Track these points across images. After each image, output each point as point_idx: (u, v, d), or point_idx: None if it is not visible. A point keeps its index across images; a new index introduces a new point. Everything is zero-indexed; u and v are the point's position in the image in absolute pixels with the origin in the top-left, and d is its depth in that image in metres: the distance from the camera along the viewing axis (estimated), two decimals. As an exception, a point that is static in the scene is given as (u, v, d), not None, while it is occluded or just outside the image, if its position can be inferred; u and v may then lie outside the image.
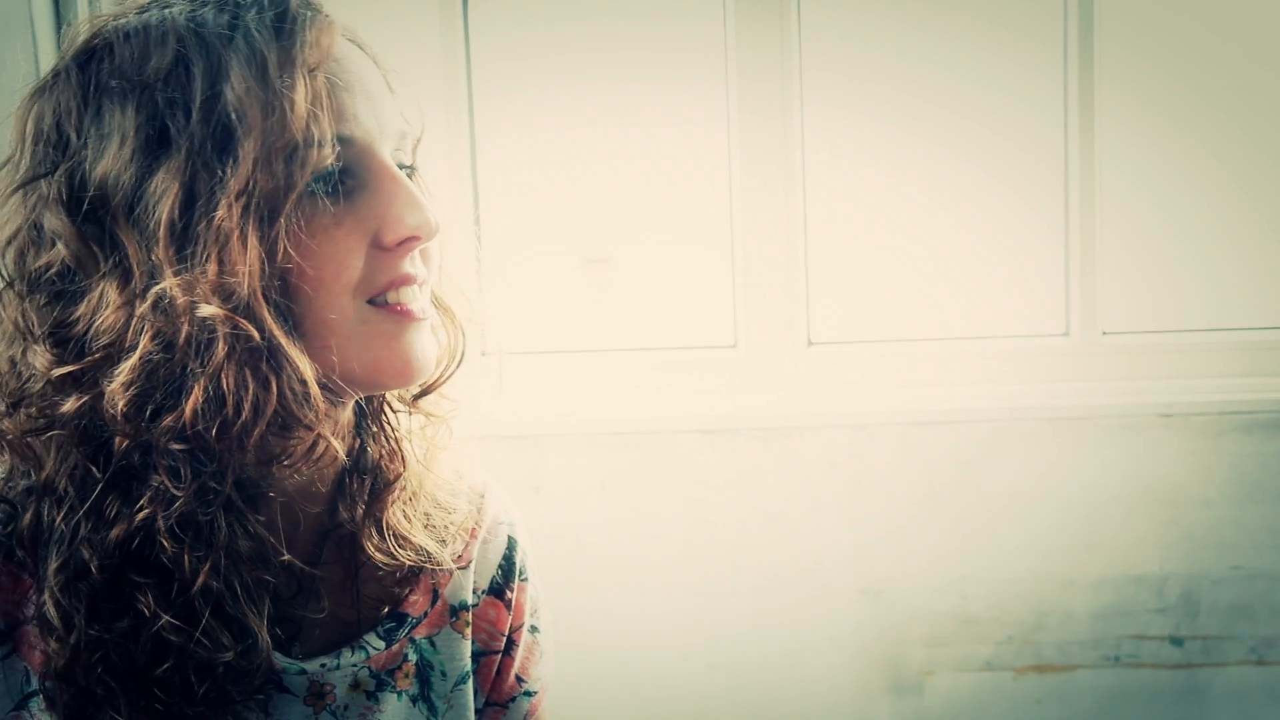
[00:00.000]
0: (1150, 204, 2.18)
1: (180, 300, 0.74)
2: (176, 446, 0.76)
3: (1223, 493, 2.06)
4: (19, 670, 0.82)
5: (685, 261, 2.24)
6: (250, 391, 0.75)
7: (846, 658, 2.11)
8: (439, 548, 0.96)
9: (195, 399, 0.75)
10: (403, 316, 0.83)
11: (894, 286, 2.22)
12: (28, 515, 0.81)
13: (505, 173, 2.20)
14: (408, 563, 0.94)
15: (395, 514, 0.95)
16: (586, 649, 2.08)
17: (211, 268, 0.74)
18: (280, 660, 0.88)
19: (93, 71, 0.79)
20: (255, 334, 0.75)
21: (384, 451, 0.95)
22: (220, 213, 0.74)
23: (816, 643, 2.11)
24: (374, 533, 0.94)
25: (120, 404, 0.75)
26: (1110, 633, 2.08)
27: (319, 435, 0.79)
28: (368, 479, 0.94)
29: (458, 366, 0.95)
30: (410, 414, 0.96)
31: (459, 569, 1.00)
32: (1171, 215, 2.20)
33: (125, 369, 0.75)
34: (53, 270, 0.79)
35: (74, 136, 0.79)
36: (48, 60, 1.87)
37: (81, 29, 0.82)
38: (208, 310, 0.74)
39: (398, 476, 0.95)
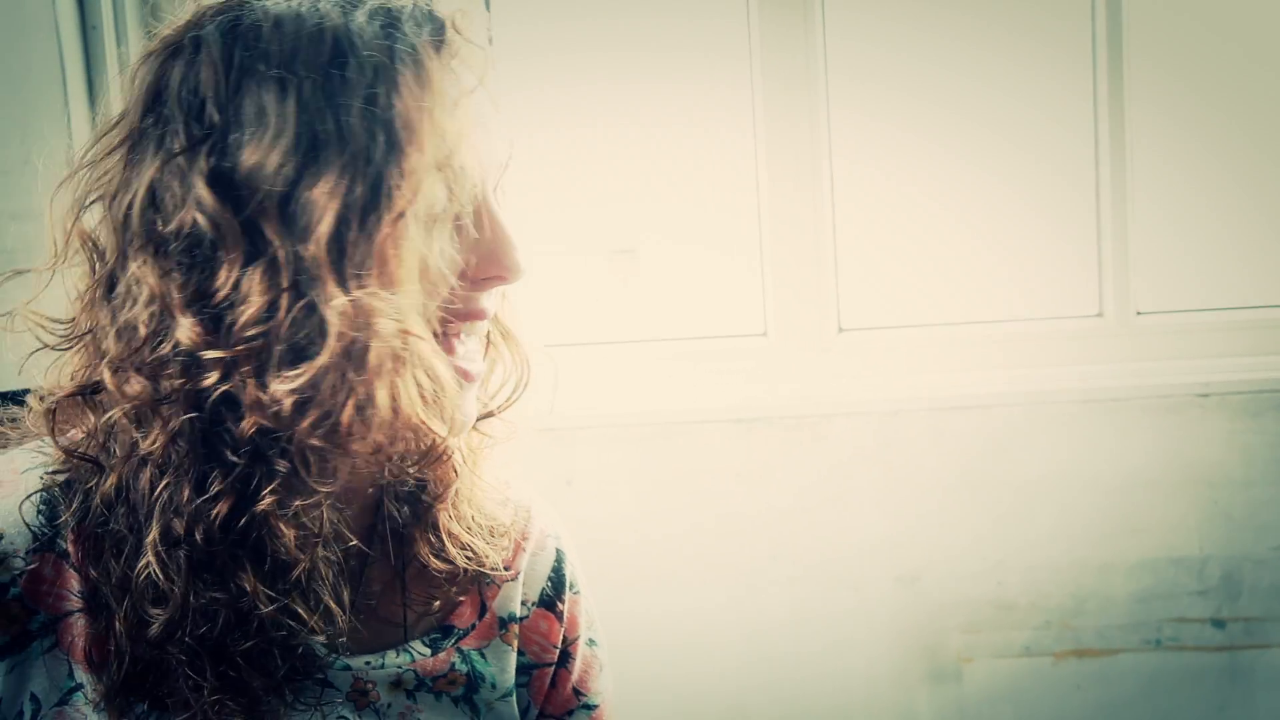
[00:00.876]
0: (1183, 181, 2.16)
1: (359, 314, 0.74)
2: (318, 443, 0.77)
3: (1263, 473, 2.03)
4: (62, 663, 0.82)
5: (713, 251, 2.23)
6: (405, 396, 0.76)
7: (883, 646, 2.10)
8: (489, 550, 0.96)
9: (353, 404, 0.75)
10: (460, 374, 0.83)
11: (924, 271, 2.20)
12: (111, 478, 0.80)
13: (532, 168, 2.20)
14: (460, 564, 0.94)
15: (448, 519, 0.95)
16: (620, 643, 2.07)
17: (374, 283, 0.74)
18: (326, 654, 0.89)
19: (238, 49, 0.77)
20: (413, 344, 0.76)
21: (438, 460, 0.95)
22: (385, 229, 0.74)
23: (852, 632, 2.10)
24: (430, 536, 0.94)
25: (287, 404, 0.75)
26: (1151, 616, 2.06)
27: (443, 441, 0.83)
28: (417, 482, 0.95)
29: (520, 396, 0.96)
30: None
31: (507, 582, 1.00)
32: (1204, 192, 2.17)
33: (304, 372, 0.75)
34: (185, 239, 0.77)
35: (215, 112, 0.77)
36: (73, 62, 1.88)
37: (213, 2, 0.81)
38: (387, 326, 0.74)
39: (451, 484, 0.95)
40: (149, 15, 1.94)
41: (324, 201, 0.74)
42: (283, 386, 0.75)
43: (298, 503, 0.78)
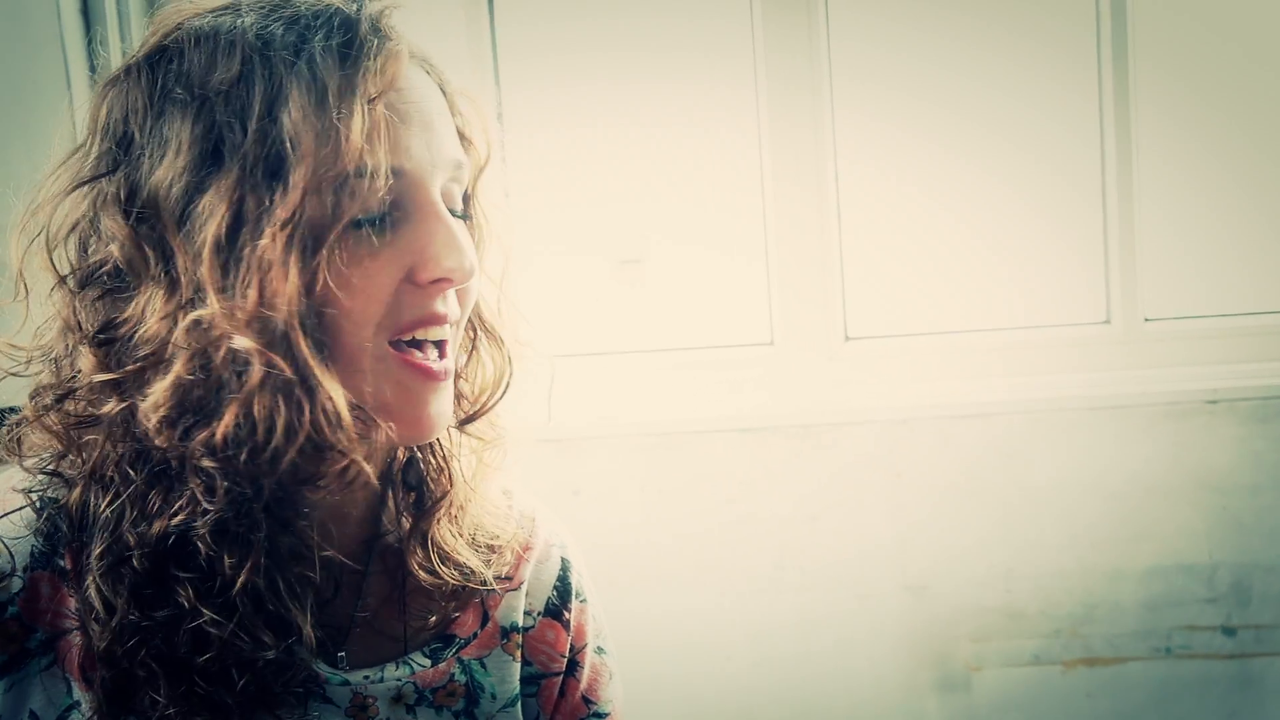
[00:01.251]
0: (1189, 186, 2.15)
1: (218, 328, 0.74)
2: (208, 463, 0.76)
3: (1272, 479, 2.02)
4: (60, 681, 0.82)
5: (719, 260, 2.22)
6: (283, 418, 0.75)
7: (892, 655, 2.09)
8: (483, 566, 0.95)
9: (227, 422, 0.75)
10: (424, 375, 0.82)
11: (931, 279, 2.20)
12: (76, 492, 0.81)
13: (534, 170, 2.19)
14: (451, 581, 0.93)
15: (441, 531, 0.94)
16: (629, 650, 2.07)
17: (252, 295, 0.73)
18: (324, 670, 0.88)
19: (161, 72, 0.79)
20: (287, 368, 0.74)
21: (432, 467, 0.95)
22: (265, 240, 0.73)
23: (861, 640, 2.09)
24: (419, 549, 0.93)
25: (153, 419, 0.76)
26: (1161, 624, 2.06)
27: (351, 460, 0.79)
28: (412, 494, 0.94)
29: (503, 395, 0.94)
30: (460, 432, 0.95)
31: (510, 591, 0.99)
32: (1211, 197, 2.17)
33: (160, 387, 0.75)
34: (105, 268, 0.79)
35: (137, 136, 0.79)
36: (78, 72, 1.88)
37: (160, 23, 0.82)
38: (242, 343, 0.74)
39: (445, 494, 0.94)
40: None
41: (209, 213, 0.74)
42: (145, 404, 0.76)
43: (206, 522, 0.77)
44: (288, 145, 0.74)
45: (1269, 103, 2.14)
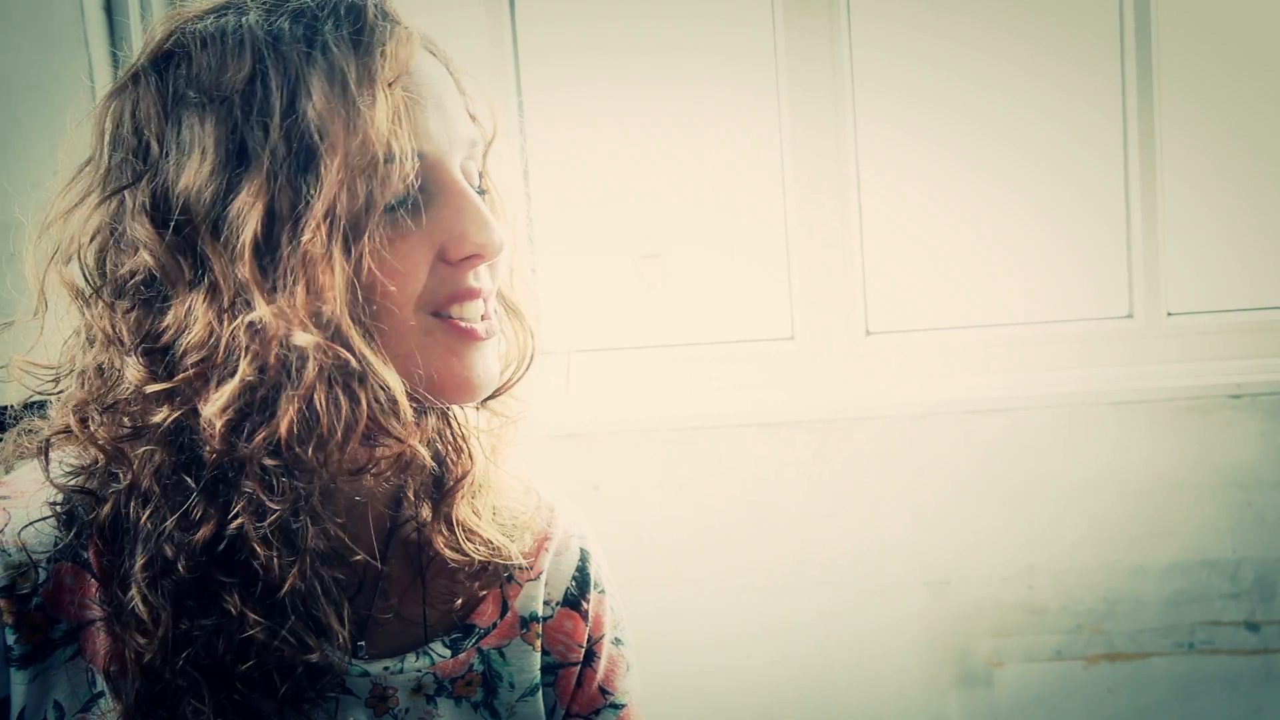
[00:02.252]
0: (1213, 180, 2.14)
1: (274, 328, 0.74)
2: (270, 462, 0.77)
3: (1296, 474, 2.01)
4: (84, 672, 0.83)
5: (740, 255, 2.22)
6: (343, 409, 0.76)
7: (913, 651, 2.09)
8: (507, 542, 0.96)
9: (290, 418, 0.75)
10: (466, 335, 0.83)
11: (952, 273, 2.19)
12: (106, 508, 0.81)
13: (557, 167, 2.20)
14: (477, 557, 0.94)
15: (463, 509, 0.95)
16: (648, 646, 2.07)
17: (300, 291, 0.74)
18: (344, 661, 0.89)
19: (170, 78, 0.79)
20: (350, 358, 0.75)
21: (451, 448, 0.95)
22: (306, 235, 0.74)
23: (882, 636, 2.09)
24: (443, 528, 0.94)
25: (219, 425, 0.76)
26: (1183, 619, 2.05)
27: (408, 445, 0.80)
28: (435, 475, 0.94)
29: (527, 369, 0.95)
30: (478, 410, 0.96)
31: (529, 580, 1.00)
32: (1234, 191, 2.15)
33: (225, 393, 0.75)
34: (138, 278, 0.79)
35: (154, 145, 0.79)
36: (101, 73, 1.89)
37: (158, 28, 0.82)
38: (303, 339, 0.74)
39: (466, 473, 0.95)
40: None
41: (245, 214, 0.74)
42: (208, 410, 0.76)
43: (269, 521, 0.78)
44: (315, 137, 0.74)
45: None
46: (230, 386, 0.75)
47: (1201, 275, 2.15)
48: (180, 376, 0.77)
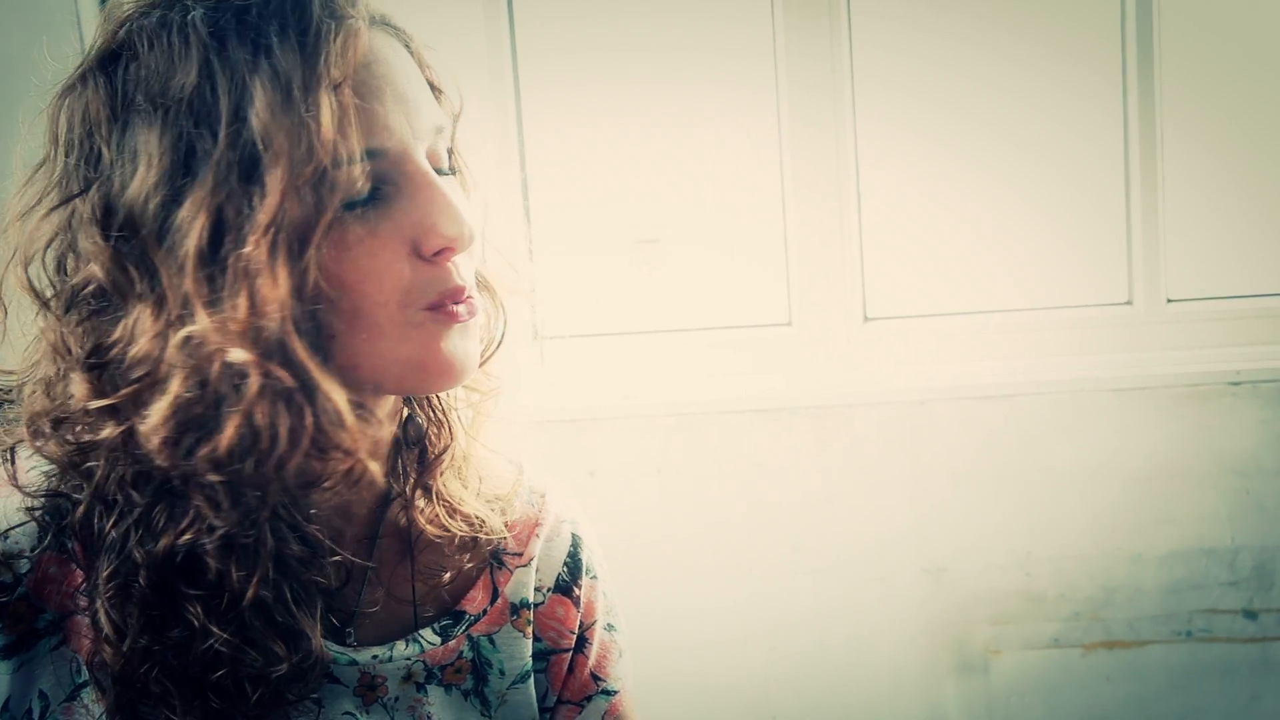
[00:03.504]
0: (1213, 166, 2.13)
1: (212, 343, 0.72)
2: (213, 478, 0.75)
3: (1296, 462, 2.01)
4: (70, 660, 0.82)
5: (737, 240, 2.21)
6: (286, 424, 0.74)
7: (910, 638, 2.09)
8: (490, 513, 0.95)
9: (229, 434, 0.73)
10: (447, 318, 0.81)
11: (951, 258, 2.18)
12: (79, 510, 0.80)
13: (554, 162, 2.19)
14: (458, 532, 0.94)
15: (445, 483, 0.94)
16: (644, 634, 2.07)
17: (242, 304, 0.72)
18: (332, 650, 0.88)
19: (119, 80, 0.77)
20: (286, 376, 0.73)
21: (432, 423, 0.95)
22: (249, 247, 0.72)
23: (879, 623, 2.09)
24: (423, 502, 0.93)
25: (155, 440, 0.74)
26: (1181, 607, 2.04)
27: (356, 459, 0.78)
28: (415, 450, 0.94)
29: (499, 345, 0.94)
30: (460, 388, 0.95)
31: (520, 567, 0.99)
32: (1235, 177, 2.14)
33: (159, 408, 0.74)
34: (89, 289, 0.77)
35: (105, 150, 0.77)
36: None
37: (106, 24, 0.80)
38: (238, 355, 0.72)
39: (446, 447, 0.94)
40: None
41: (189, 224, 0.73)
42: (144, 427, 0.74)
43: (215, 538, 0.76)
44: (260, 147, 0.72)
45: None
46: (162, 403, 0.73)
47: (1202, 262, 2.14)
48: (123, 392, 0.75)
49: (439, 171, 0.83)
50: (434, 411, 0.95)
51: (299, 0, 0.76)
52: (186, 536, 0.76)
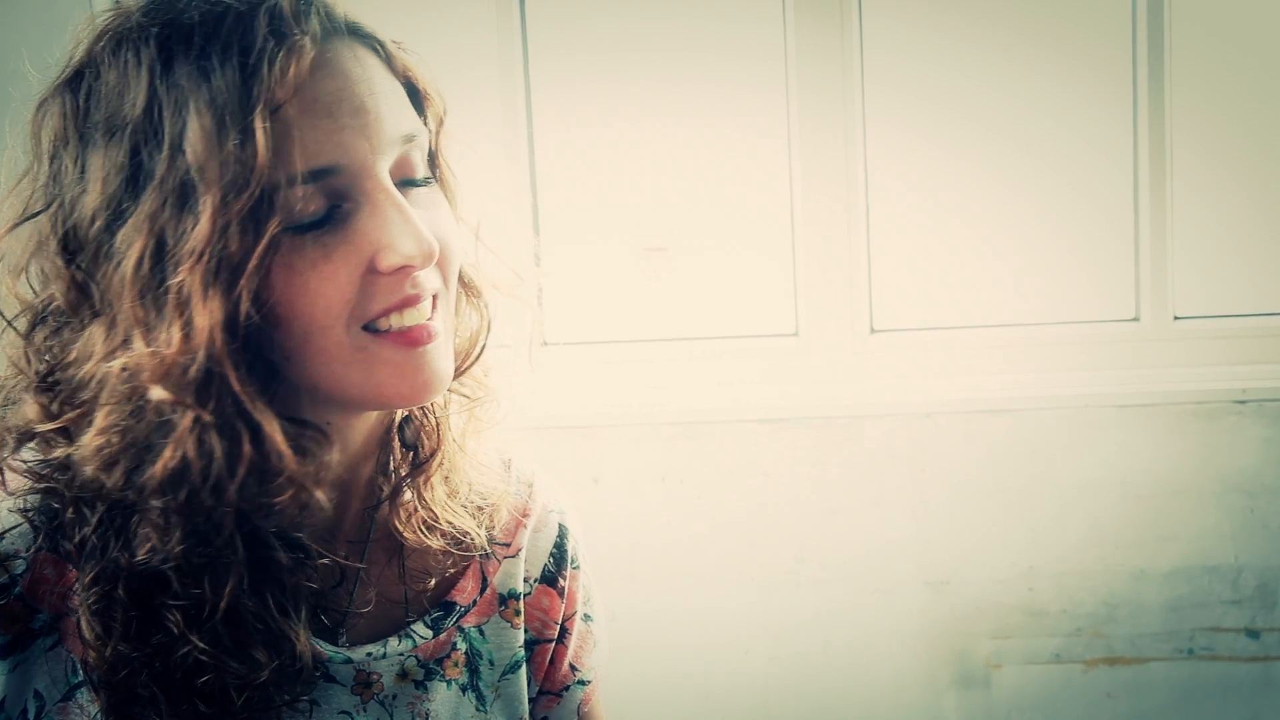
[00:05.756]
0: (1222, 184, 2.13)
1: (143, 375, 0.72)
2: (155, 503, 0.75)
3: (1301, 481, 2.00)
4: (65, 660, 0.82)
5: (745, 250, 2.21)
6: (220, 453, 0.73)
7: (911, 650, 2.08)
8: (473, 526, 0.95)
9: (165, 461, 0.73)
10: (409, 345, 0.80)
11: (958, 272, 2.18)
12: (69, 512, 0.80)
13: (564, 164, 2.20)
14: (436, 546, 0.93)
15: (432, 488, 0.93)
16: (647, 641, 2.07)
17: (176, 335, 0.71)
18: (326, 649, 0.88)
19: (81, 97, 0.77)
20: (211, 406, 0.72)
21: (422, 426, 0.94)
22: (180, 276, 0.71)
23: (880, 635, 2.08)
24: (406, 511, 0.93)
25: (89, 468, 0.75)
26: (1184, 625, 2.04)
27: (301, 488, 0.77)
28: (410, 452, 0.94)
29: (481, 350, 0.93)
30: (449, 391, 0.94)
31: (508, 558, 0.99)
32: (1243, 197, 2.14)
33: (88, 437, 0.74)
34: (54, 304, 0.78)
35: (68, 167, 0.77)
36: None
37: (80, 38, 0.79)
38: (159, 395, 0.72)
39: (434, 453, 0.93)
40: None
41: (129, 247, 0.72)
42: (79, 453, 0.75)
43: (170, 562, 0.76)
44: (193, 174, 0.72)
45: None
46: (90, 432, 0.74)
47: (1209, 280, 2.14)
48: (66, 417, 0.76)
49: (411, 182, 0.82)
50: (424, 416, 0.94)
51: (244, 21, 0.75)
52: (141, 557, 0.76)
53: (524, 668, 0.98)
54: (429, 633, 0.93)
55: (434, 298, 0.82)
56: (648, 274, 2.23)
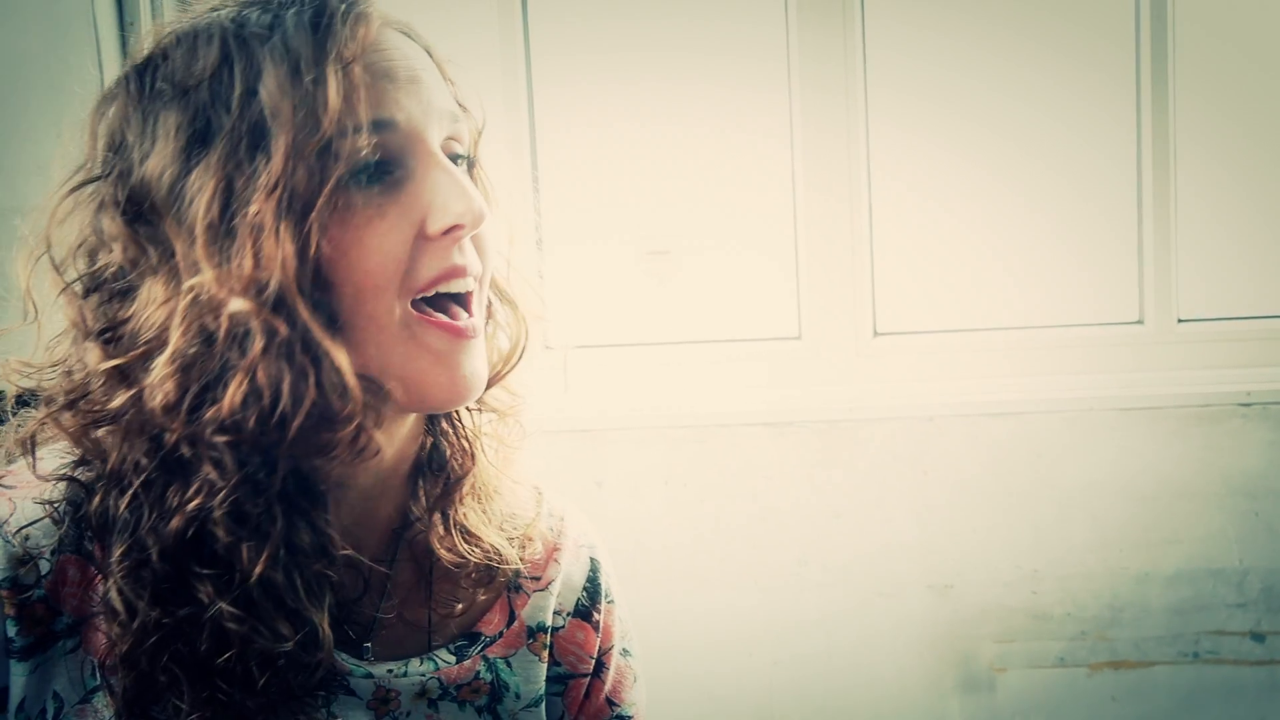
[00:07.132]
0: (1226, 187, 2.13)
1: (214, 295, 0.74)
2: (219, 439, 0.76)
3: (1305, 484, 2.00)
4: (84, 664, 0.82)
5: (748, 253, 2.21)
6: (289, 383, 0.75)
7: (915, 654, 2.08)
8: (506, 546, 0.95)
9: (233, 391, 0.75)
10: (453, 335, 0.82)
11: (962, 275, 2.18)
12: (95, 500, 0.81)
13: (566, 164, 2.20)
14: (474, 560, 0.93)
15: (464, 511, 0.94)
16: (650, 644, 2.06)
17: (246, 262, 0.74)
18: (348, 662, 0.88)
19: (148, 78, 0.81)
20: (284, 328, 0.74)
21: (454, 448, 0.95)
22: (254, 207, 0.74)
23: (884, 638, 2.08)
24: (441, 528, 0.93)
25: (159, 398, 0.76)
26: (1188, 628, 2.03)
27: (360, 427, 0.78)
28: (440, 476, 0.94)
29: (519, 360, 0.94)
30: (480, 410, 0.95)
31: (538, 591, 0.99)
32: (1248, 198, 2.14)
33: (161, 363, 0.75)
34: (110, 270, 0.80)
35: (129, 139, 0.80)
36: (110, 59, 1.89)
37: (145, 39, 0.83)
38: (238, 305, 0.74)
39: (467, 473, 0.94)
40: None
41: (197, 190, 0.76)
42: (148, 381, 0.76)
43: (220, 500, 0.77)
44: (267, 115, 0.76)
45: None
46: (164, 355, 0.75)
47: (1213, 282, 2.13)
48: (132, 353, 0.77)
49: (454, 158, 0.85)
50: (458, 438, 0.95)
51: None
52: (195, 503, 0.77)
53: (545, 702, 0.98)
54: (452, 658, 0.93)
55: (469, 296, 0.84)
56: (651, 276, 2.23)
